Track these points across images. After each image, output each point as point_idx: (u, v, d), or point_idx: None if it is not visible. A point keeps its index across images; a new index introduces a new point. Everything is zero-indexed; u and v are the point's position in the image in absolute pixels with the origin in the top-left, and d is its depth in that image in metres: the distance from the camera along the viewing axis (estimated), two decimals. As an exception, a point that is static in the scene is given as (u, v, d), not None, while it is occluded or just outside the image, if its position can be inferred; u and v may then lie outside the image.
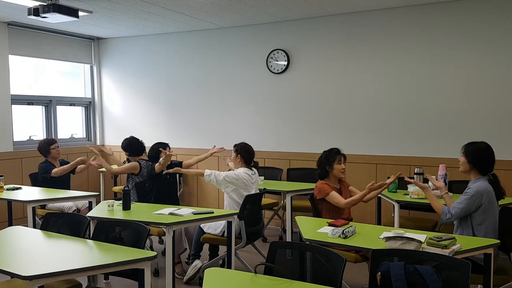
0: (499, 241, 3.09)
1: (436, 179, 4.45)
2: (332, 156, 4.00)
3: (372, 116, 5.70)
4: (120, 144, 5.53)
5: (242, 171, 4.44)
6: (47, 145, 5.60)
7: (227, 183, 4.35)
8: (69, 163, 5.62)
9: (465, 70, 5.17)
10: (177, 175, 5.42)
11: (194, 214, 3.93)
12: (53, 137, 6.96)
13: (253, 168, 4.55)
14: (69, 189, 5.54)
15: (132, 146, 5.33)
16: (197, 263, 4.40)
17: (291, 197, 5.12)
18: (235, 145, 4.57)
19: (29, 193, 5.03)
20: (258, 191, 4.60)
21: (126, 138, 5.52)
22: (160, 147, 4.94)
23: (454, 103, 5.25)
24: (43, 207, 5.34)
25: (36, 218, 4.88)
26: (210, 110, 6.77)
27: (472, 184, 3.42)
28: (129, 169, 5.09)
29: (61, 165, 5.62)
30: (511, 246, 3.40)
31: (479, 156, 3.42)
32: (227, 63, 6.60)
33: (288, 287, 2.40)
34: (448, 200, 3.65)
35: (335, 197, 3.87)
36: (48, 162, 5.57)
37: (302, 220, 3.63)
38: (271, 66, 6.26)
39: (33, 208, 4.64)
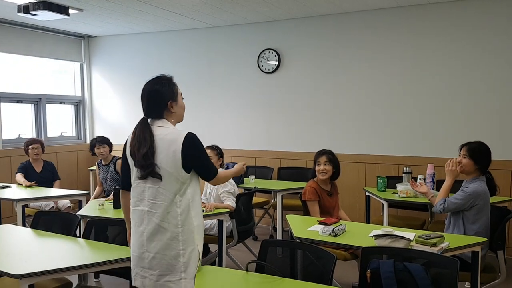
0: (486, 239, 3.14)
1: (425, 179, 4.52)
2: (315, 157, 4.05)
3: (362, 116, 5.74)
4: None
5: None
6: (25, 145, 5.60)
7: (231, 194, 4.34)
8: (54, 171, 5.68)
9: (452, 70, 5.23)
10: None
11: (185, 212, 3.91)
12: (42, 135, 6.91)
13: None
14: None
15: None
16: (188, 261, 4.39)
17: (281, 196, 5.14)
18: (215, 148, 4.54)
19: (18, 191, 5.00)
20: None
21: None
22: None
23: (442, 103, 5.30)
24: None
25: (25, 216, 4.85)
26: (201, 109, 6.76)
27: (469, 183, 3.42)
28: None
29: (44, 167, 5.62)
30: (498, 245, 3.45)
31: (483, 155, 3.43)
32: (218, 62, 6.61)
33: (280, 285, 2.42)
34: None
35: (312, 207, 3.90)
36: (24, 163, 5.55)
37: (293, 219, 3.65)
38: (262, 66, 6.27)
39: (23, 207, 4.61)
